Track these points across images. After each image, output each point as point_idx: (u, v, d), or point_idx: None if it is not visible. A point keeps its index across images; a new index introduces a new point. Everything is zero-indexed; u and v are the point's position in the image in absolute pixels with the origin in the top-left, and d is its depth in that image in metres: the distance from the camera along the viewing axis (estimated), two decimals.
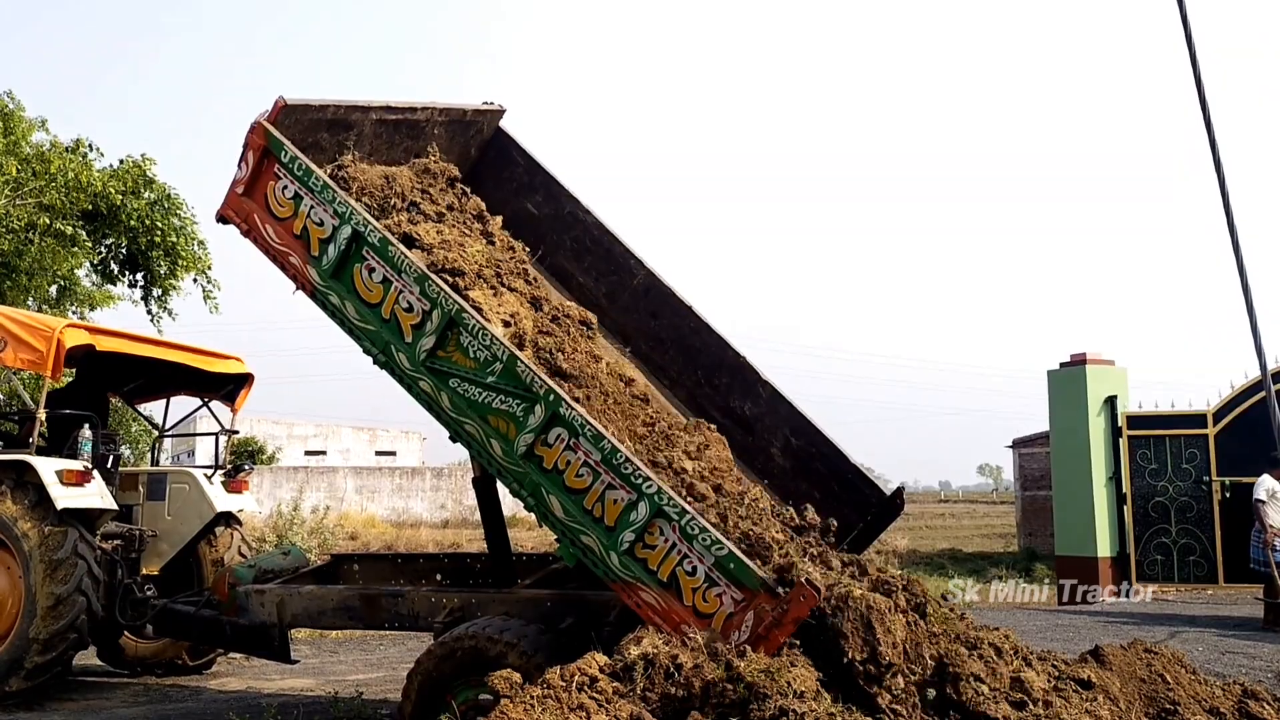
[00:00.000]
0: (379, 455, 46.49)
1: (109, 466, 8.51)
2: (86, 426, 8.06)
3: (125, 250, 15.40)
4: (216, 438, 9.28)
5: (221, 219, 5.79)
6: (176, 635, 7.97)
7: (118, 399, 9.97)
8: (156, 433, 10.14)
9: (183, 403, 9.72)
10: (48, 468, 7.46)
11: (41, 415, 7.86)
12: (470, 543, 20.96)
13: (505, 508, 6.66)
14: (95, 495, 7.61)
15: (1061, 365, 14.89)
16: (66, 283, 16.22)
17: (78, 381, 9.38)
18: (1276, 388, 6.45)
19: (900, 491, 6.30)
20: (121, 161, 15.26)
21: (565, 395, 5.00)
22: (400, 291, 5.27)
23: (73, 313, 16.28)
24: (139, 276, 15.81)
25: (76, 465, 7.66)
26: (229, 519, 8.70)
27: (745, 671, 4.04)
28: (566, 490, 4.96)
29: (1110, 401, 14.25)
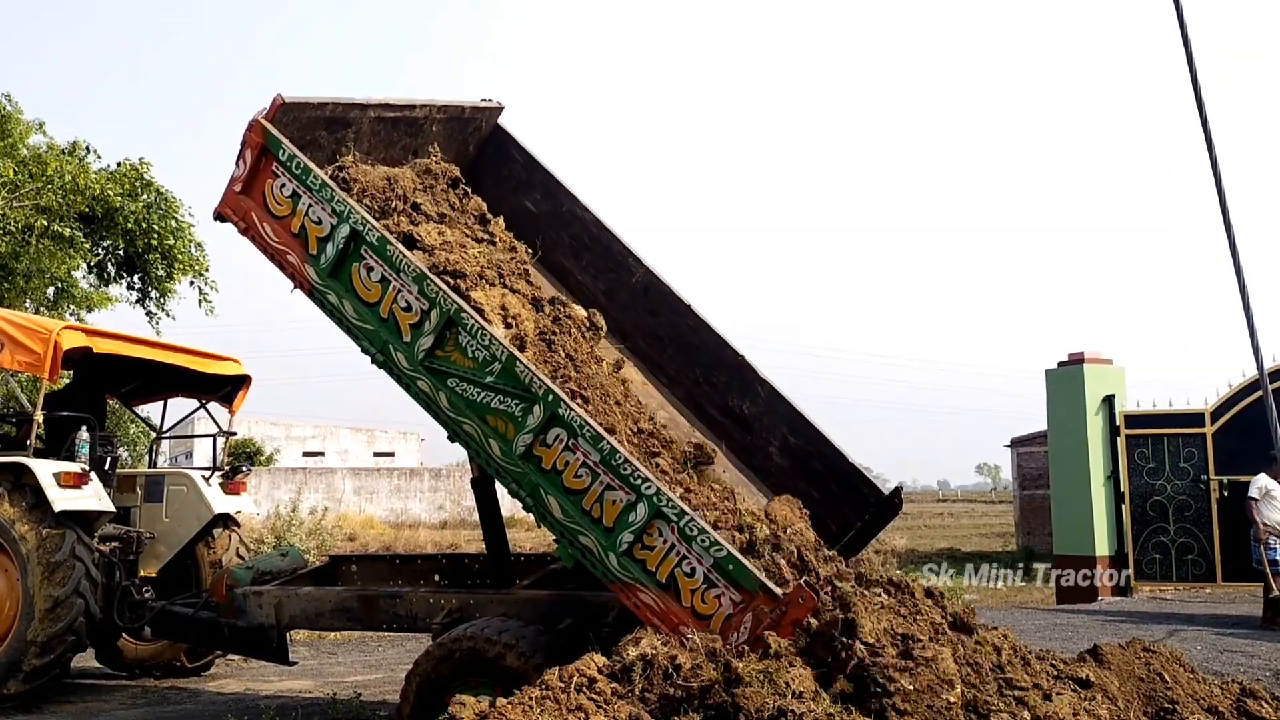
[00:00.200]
0: (377, 456, 46.50)
1: (107, 468, 8.50)
2: (84, 428, 8.05)
3: (122, 252, 15.36)
4: (214, 439, 9.28)
5: (219, 217, 5.77)
6: (174, 637, 7.97)
7: (115, 401, 9.95)
8: (154, 434, 10.12)
9: (180, 404, 9.71)
10: (45, 470, 7.44)
11: (39, 417, 7.85)
12: (469, 543, 20.96)
13: (504, 508, 6.65)
14: (93, 497, 7.60)
15: (1059, 364, 14.89)
16: (64, 285, 16.20)
17: (75, 383, 9.37)
18: (1274, 387, 6.46)
19: (898, 491, 6.30)
20: (119, 164, 15.25)
21: (564, 395, 5.00)
22: (399, 291, 5.26)
23: (70, 315, 16.27)
24: (136, 279, 15.78)
25: (74, 467, 7.64)
26: (227, 521, 8.69)
27: (743, 672, 4.04)
28: (565, 491, 4.95)
29: (1108, 400, 14.25)
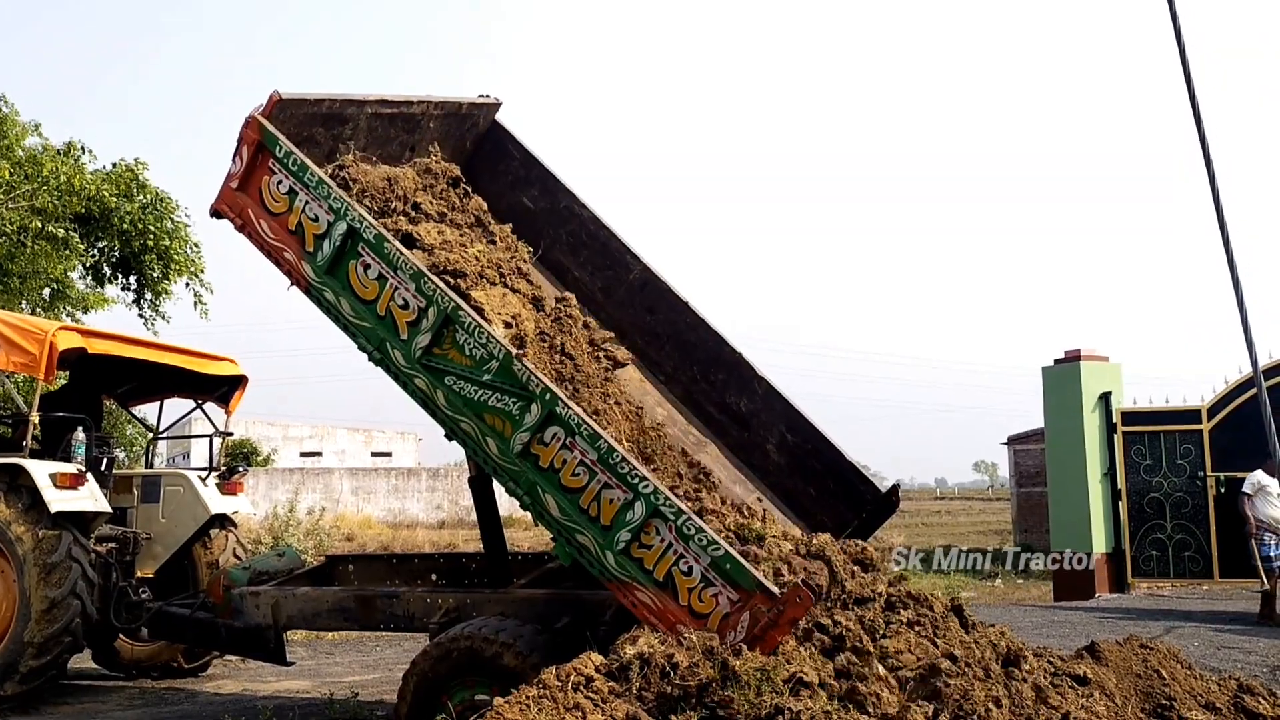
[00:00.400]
0: (375, 456, 46.39)
1: (103, 469, 8.48)
2: (80, 429, 8.04)
3: (117, 253, 15.35)
4: (211, 440, 9.26)
5: (215, 213, 5.76)
6: (172, 638, 7.96)
7: (111, 401, 9.93)
8: (151, 435, 10.11)
9: (177, 405, 9.70)
10: (41, 471, 7.42)
11: (35, 418, 7.82)
12: (467, 543, 20.93)
13: (501, 507, 6.65)
14: (89, 498, 7.58)
15: (1056, 362, 14.90)
16: (60, 286, 16.17)
17: (71, 384, 9.35)
18: (1269, 384, 6.47)
19: (896, 489, 6.30)
20: (114, 165, 15.23)
21: (561, 394, 4.99)
22: (396, 288, 5.25)
23: (66, 315, 16.23)
24: (131, 280, 15.77)
25: (70, 468, 7.63)
26: (224, 521, 8.68)
27: (741, 670, 4.04)
28: (562, 489, 4.95)
29: (1105, 398, 14.26)
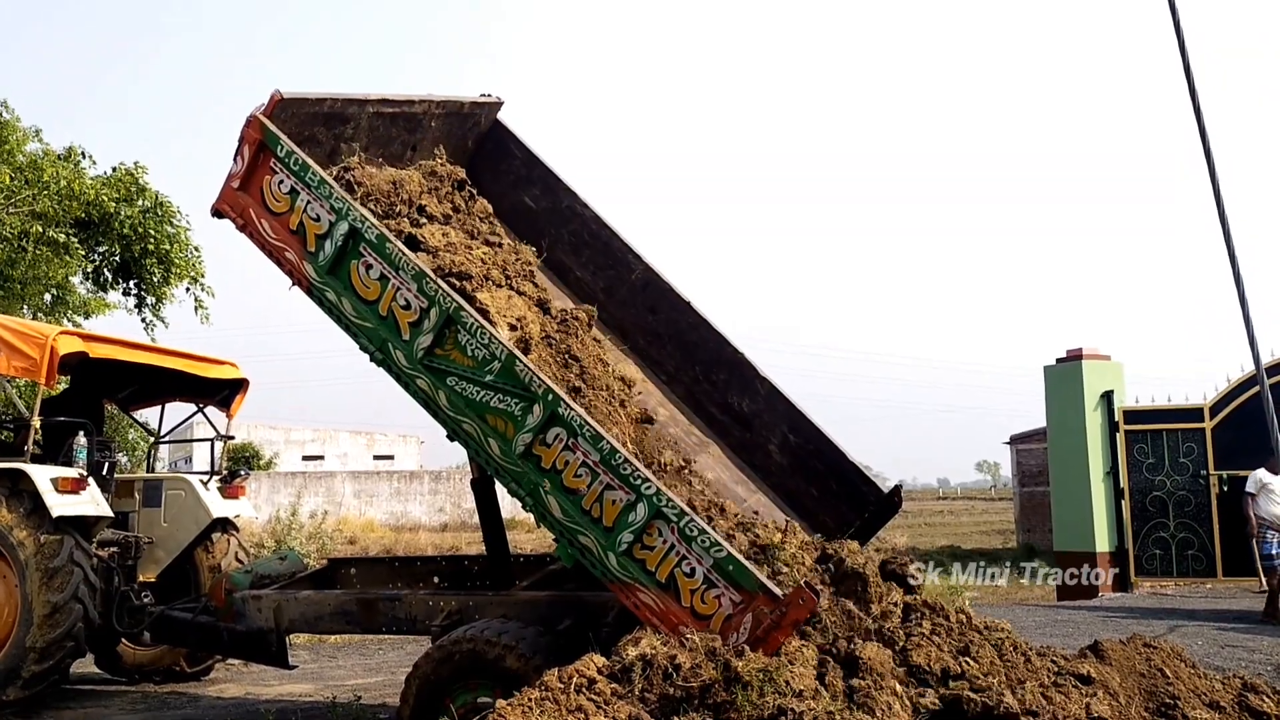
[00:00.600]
0: (377, 459, 46.38)
1: (105, 473, 8.48)
2: (81, 434, 8.03)
3: (118, 258, 15.36)
4: (212, 443, 9.26)
5: (217, 213, 5.75)
6: (174, 642, 7.94)
7: (113, 406, 9.93)
8: (152, 439, 10.10)
9: (178, 409, 9.68)
10: (43, 475, 7.42)
11: (36, 423, 7.83)
12: (469, 546, 20.91)
13: (504, 510, 6.64)
14: (91, 502, 7.58)
15: (1058, 361, 14.88)
16: (60, 291, 16.17)
17: (72, 389, 9.35)
18: (1271, 381, 6.46)
19: (898, 489, 6.29)
20: (114, 169, 15.24)
21: (564, 395, 4.98)
22: (398, 289, 5.24)
23: (67, 320, 16.24)
24: (132, 284, 15.77)
25: (72, 473, 7.62)
26: (226, 525, 8.68)
27: (743, 671, 4.03)
28: (565, 490, 4.94)
29: (1107, 396, 14.24)
